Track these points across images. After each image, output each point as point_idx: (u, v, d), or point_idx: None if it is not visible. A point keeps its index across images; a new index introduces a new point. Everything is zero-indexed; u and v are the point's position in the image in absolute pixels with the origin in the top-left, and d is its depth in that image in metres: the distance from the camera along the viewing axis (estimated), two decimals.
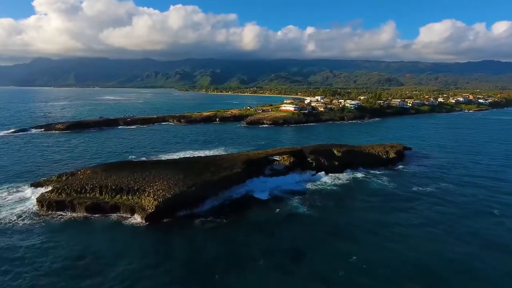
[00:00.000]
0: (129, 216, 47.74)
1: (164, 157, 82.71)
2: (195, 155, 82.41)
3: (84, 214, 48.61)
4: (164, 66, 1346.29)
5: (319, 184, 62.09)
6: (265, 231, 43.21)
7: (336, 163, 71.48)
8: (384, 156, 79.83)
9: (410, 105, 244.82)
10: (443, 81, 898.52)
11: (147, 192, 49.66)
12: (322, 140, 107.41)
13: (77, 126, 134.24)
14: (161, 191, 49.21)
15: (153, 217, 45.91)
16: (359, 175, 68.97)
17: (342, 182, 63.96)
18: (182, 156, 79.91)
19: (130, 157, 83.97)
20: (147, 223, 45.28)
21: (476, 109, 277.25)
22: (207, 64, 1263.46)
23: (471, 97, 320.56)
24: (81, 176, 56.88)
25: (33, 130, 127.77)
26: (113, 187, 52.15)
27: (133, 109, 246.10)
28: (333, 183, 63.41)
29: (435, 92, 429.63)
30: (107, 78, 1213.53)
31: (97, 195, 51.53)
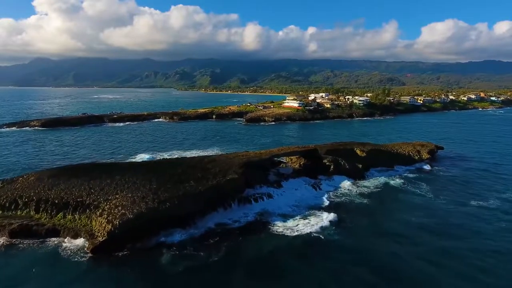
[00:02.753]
0: (71, 243, 32.53)
1: (145, 158, 67.78)
2: (184, 156, 67.26)
3: (9, 240, 33.44)
4: (164, 66, 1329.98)
5: (342, 195, 46.63)
6: (276, 274, 27.77)
7: (360, 165, 56.10)
8: (416, 157, 64.58)
9: (421, 102, 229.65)
10: (445, 81, 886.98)
11: (101, 210, 34.40)
12: (333, 138, 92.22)
13: (55, 123, 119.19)
14: (120, 208, 33.90)
15: (104, 247, 30.70)
16: (390, 181, 53.55)
17: (371, 191, 48.54)
18: (166, 157, 64.67)
19: (102, 158, 68.91)
20: (95, 255, 30.18)
21: (490, 106, 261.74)
22: (207, 64, 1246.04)
23: (482, 94, 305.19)
24: (19, 185, 41.54)
25: (5, 128, 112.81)
26: (56, 201, 36.93)
27: (127, 106, 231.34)
28: (359, 192, 48.00)
29: (443, 90, 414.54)
30: (107, 78, 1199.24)
31: (32, 213, 36.33)
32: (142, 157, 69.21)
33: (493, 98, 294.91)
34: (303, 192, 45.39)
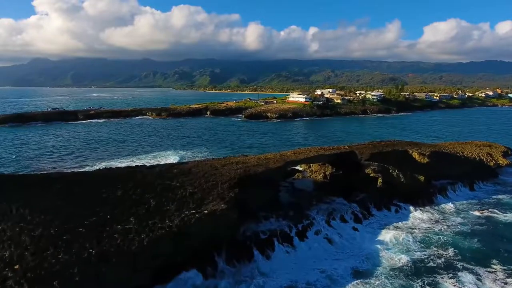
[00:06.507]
0: None
1: (100, 165, 48.00)
2: (159, 162, 47.56)
3: None
4: (163, 66, 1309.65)
5: (420, 235, 25.92)
6: None
7: (422, 178, 35.97)
8: (491, 163, 44.57)
9: (438, 98, 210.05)
10: (448, 80, 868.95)
11: None
12: (354, 137, 72.67)
13: (17, 119, 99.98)
14: None
15: None
16: (482, 208, 32.77)
17: (469, 229, 27.22)
18: (128, 164, 44.71)
19: (43, 164, 49.11)
20: None
21: (510, 103, 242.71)
22: (207, 64, 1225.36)
23: (499, 91, 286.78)
24: None
25: None
26: None
27: (119, 103, 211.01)
28: (454, 231, 26.65)
29: (455, 87, 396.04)
30: (105, 78, 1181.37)
31: None
32: (99, 164, 49.42)
33: (511, 95, 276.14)
34: (346, 232, 25.13)
